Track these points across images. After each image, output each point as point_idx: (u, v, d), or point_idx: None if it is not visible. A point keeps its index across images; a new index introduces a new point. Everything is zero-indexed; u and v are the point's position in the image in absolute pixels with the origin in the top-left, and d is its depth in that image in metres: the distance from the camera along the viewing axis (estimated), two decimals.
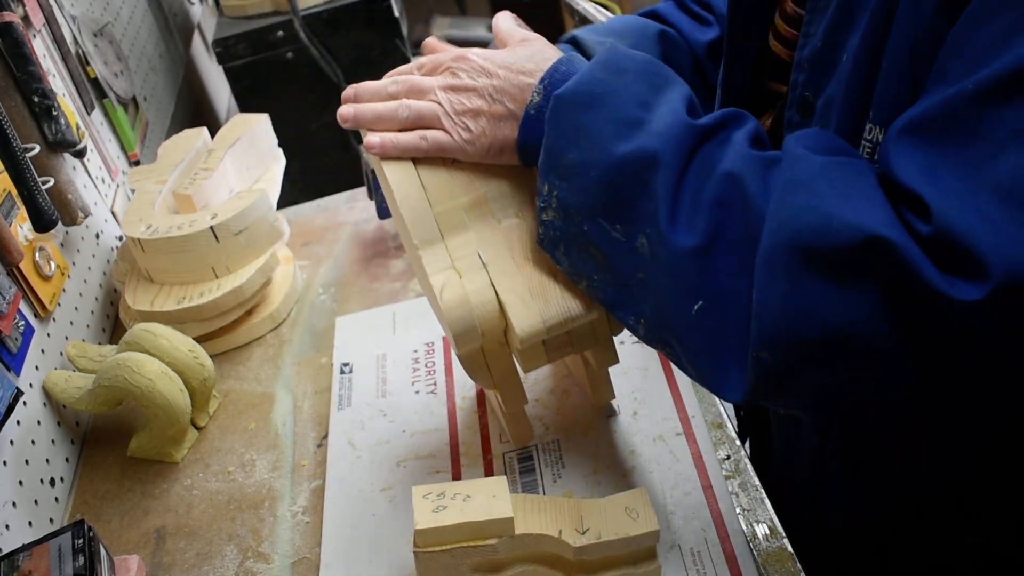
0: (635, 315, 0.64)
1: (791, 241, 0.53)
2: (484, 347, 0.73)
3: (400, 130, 0.72)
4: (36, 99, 0.99)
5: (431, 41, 0.82)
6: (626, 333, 0.93)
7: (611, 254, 0.63)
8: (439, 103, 0.71)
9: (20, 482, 0.86)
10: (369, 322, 1.05)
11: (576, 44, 0.91)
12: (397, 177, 0.72)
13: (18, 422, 0.89)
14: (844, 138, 0.62)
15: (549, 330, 0.69)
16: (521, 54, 0.70)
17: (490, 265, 0.71)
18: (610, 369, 0.90)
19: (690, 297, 0.58)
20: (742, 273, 0.56)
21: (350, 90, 0.75)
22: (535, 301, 0.69)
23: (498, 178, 0.73)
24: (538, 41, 0.73)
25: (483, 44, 0.80)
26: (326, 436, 0.92)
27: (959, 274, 0.49)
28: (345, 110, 0.74)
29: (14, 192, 0.94)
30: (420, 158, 0.72)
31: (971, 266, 0.48)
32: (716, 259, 0.57)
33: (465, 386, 0.93)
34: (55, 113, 1.00)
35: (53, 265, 1.01)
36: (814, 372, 0.55)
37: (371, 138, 0.72)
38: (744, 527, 0.74)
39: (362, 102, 0.74)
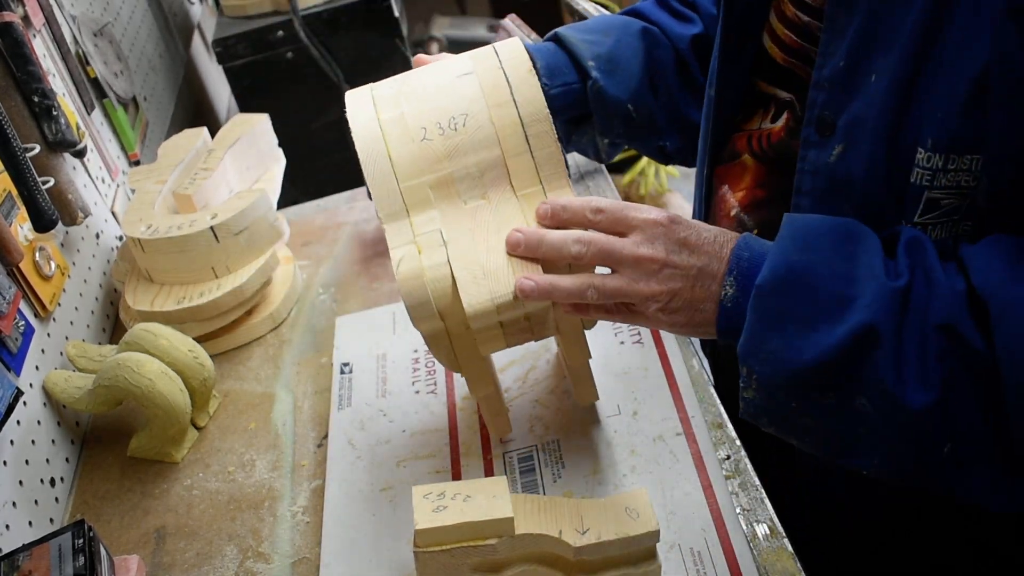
0: (859, 463, 0.63)
1: None
2: (450, 329, 0.73)
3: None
4: (36, 99, 0.99)
5: (422, 57, 0.82)
6: (625, 332, 0.93)
7: (826, 420, 0.62)
8: (631, 281, 0.66)
9: (20, 482, 0.86)
10: (369, 322, 1.05)
11: (558, 41, 0.91)
12: (366, 152, 0.72)
13: (18, 422, 0.89)
14: (881, 159, 0.62)
15: (499, 309, 0.68)
16: (714, 230, 0.66)
17: (450, 244, 0.71)
18: (610, 369, 0.90)
19: (937, 445, 0.59)
20: (980, 411, 0.57)
21: (519, 236, 0.68)
22: (487, 280, 0.68)
23: (467, 160, 0.72)
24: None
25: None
26: (326, 436, 0.92)
27: None
28: (527, 285, 0.66)
29: (14, 192, 0.94)
30: (390, 135, 0.72)
31: None
32: (955, 406, 0.58)
33: (465, 386, 0.93)
34: (55, 113, 1.00)
35: (53, 265, 1.01)
36: None
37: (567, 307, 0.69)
38: (744, 527, 0.74)
39: (537, 253, 0.68)
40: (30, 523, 0.86)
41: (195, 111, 1.92)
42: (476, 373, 0.77)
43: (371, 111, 0.75)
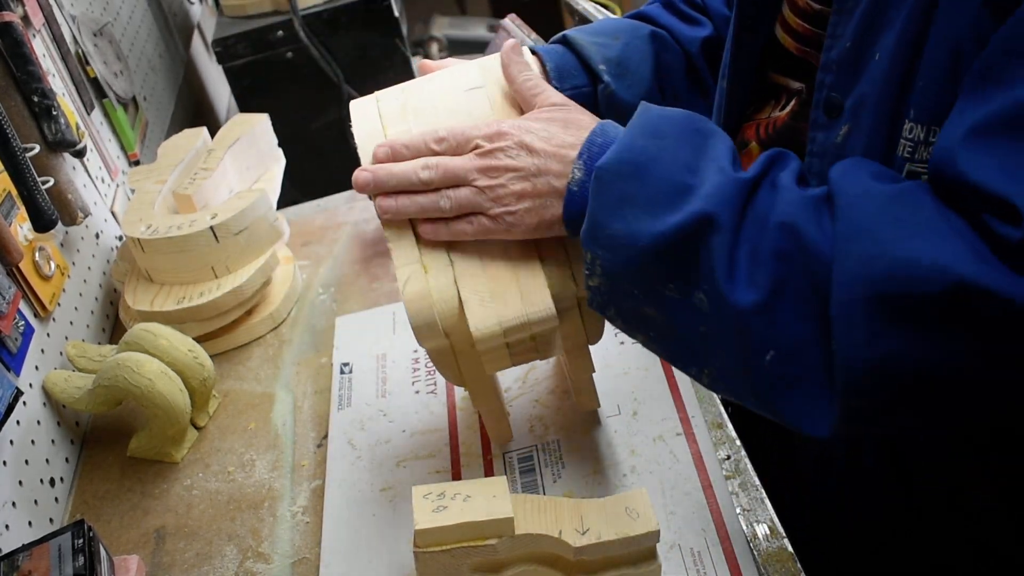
0: (697, 367, 0.63)
1: (867, 293, 0.53)
2: (455, 347, 0.73)
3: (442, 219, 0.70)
4: (36, 99, 0.99)
5: (427, 63, 0.82)
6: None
7: (667, 313, 0.62)
8: (479, 188, 0.68)
9: (20, 482, 0.86)
10: (369, 322, 1.05)
11: (567, 43, 0.91)
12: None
13: (18, 422, 0.89)
14: (880, 136, 0.62)
15: (506, 332, 0.69)
16: (556, 125, 0.68)
17: (457, 264, 0.71)
18: (610, 369, 0.90)
19: (760, 350, 0.57)
20: (810, 318, 0.56)
21: (367, 174, 0.71)
22: (494, 303, 0.69)
23: None
24: (567, 106, 0.70)
25: (483, 44, 0.79)
26: (326, 436, 0.92)
27: None
28: (381, 203, 0.71)
29: (14, 192, 0.94)
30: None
31: None
32: (782, 311, 0.56)
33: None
34: (55, 113, 1.00)
35: (53, 265, 1.01)
36: (905, 411, 0.56)
37: (424, 227, 0.71)
38: (744, 527, 0.74)
39: (387, 187, 0.70)
40: (30, 523, 0.86)
41: (195, 111, 1.92)
42: (480, 389, 0.78)
43: (377, 126, 0.75)
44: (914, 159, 0.61)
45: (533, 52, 0.85)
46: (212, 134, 1.22)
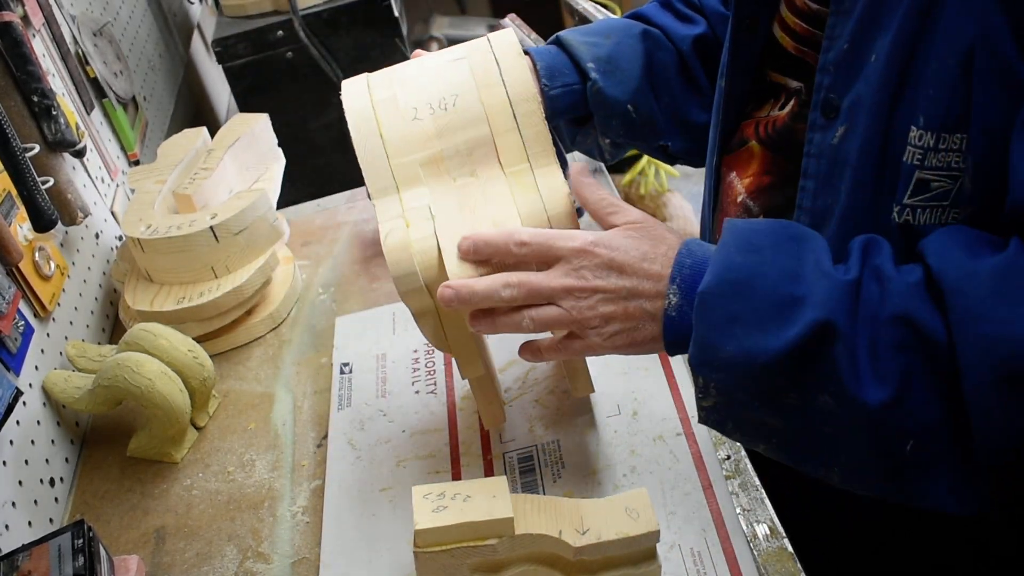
0: (827, 466, 0.62)
1: (995, 376, 0.53)
2: (439, 306, 0.72)
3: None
4: (36, 99, 0.99)
5: (420, 52, 0.82)
6: None
7: (790, 420, 0.61)
8: (565, 310, 0.66)
9: (20, 482, 0.86)
10: (369, 322, 1.05)
11: (559, 43, 0.91)
12: (358, 129, 0.73)
13: (18, 422, 0.89)
14: (876, 138, 0.62)
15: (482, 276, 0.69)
16: (642, 244, 0.65)
17: (438, 217, 0.71)
18: (610, 369, 0.90)
19: (900, 441, 0.57)
20: (940, 402, 0.56)
21: (450, 291, 0.67)
22: None
23: (456, 138, 0.73)
24: (646, 223, 0.68)
25: None
26: (326, 436, 0.92)
27: None
28: (447, 294, 0.68)
29: (14, 192, 0.94)
30: (381, 114, 0.73)
31: None
32: (913, 401, 0.56)
33: (465, 386, 0.93)
34: (55, 113, 1.00)
35: (53, 265, 1.01)
36: None
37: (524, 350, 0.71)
38: (744, 527, 0.74)
39: (471, 306, 0.68)
40: (30, 523, 0.86)
41: (195, 111, 1.91)
42: (466, 353, 0.76)
43: (365, 92, 0.76)
44: (924, 166, 0.61)
45: (526, 52, 0.85)
46: (212, 134, 1.22)
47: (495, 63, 0.74)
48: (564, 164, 0.88)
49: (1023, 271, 0.54)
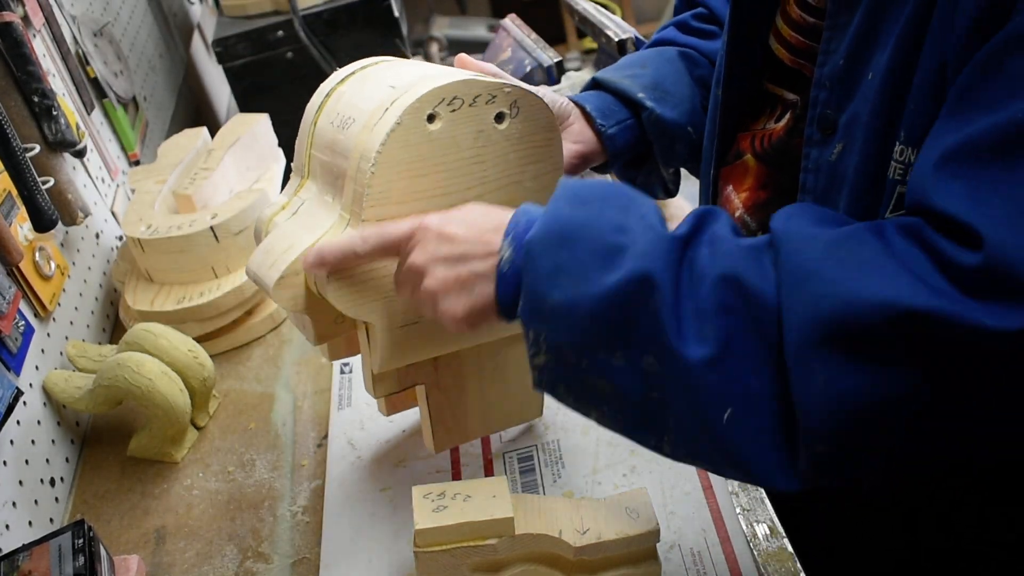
0: (656, 436, 0.61)
1: (818, 334, 0.52)
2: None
3: None
4: (36, 99, 0.99)
5: (464, 57, 0.81)
6: None
7: (617, 382, 0.60)
8: (410, 293, 0.68)
9: (20, 482, 0.86)
10: None
11: (600, 85, 0.90)
12: (307, 110, 0.77)
13: (18, 422, 0.89)
14: (872, 156, 0.62)
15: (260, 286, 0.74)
16: (473, 213, 0.67)
17: (297, 217, 0.76)
18: None
19: (717, 407, 0.56)
20: (764, 370, 0.55)
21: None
22: (267, 256, 0.73)
23: (336, 158, 0.73)
24: (480, 205, 0.69)
25: (483, 44, 0.79)
26: (326, 436, 0.92)
27: (1006, 301, 0.49)
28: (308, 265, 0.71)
29: (14, 192, 0.94)
30: (325, 106, 0.75)
31: (1014, 293, 0.48)
32: (733, 364, 0.55)
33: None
34: (55, 113, 1.00)
35: (53, 265, 1.01)
36: (872, 454, 0.55)
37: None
38: (744, 527, 0.74)
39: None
40: (30, 523, 0.86)
41: (195, 111, 1.92)
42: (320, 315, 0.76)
43: (336, 78, 0.77)
44: (905, 180, 0.60)
45: (572, 101, 0.85)
46: (212, 134, 1.22)
47: (389, 105, 0.71)
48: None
49: (862, 240, 0.54)
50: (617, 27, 1.46)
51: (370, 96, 0.73)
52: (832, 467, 0.55)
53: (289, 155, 1.26)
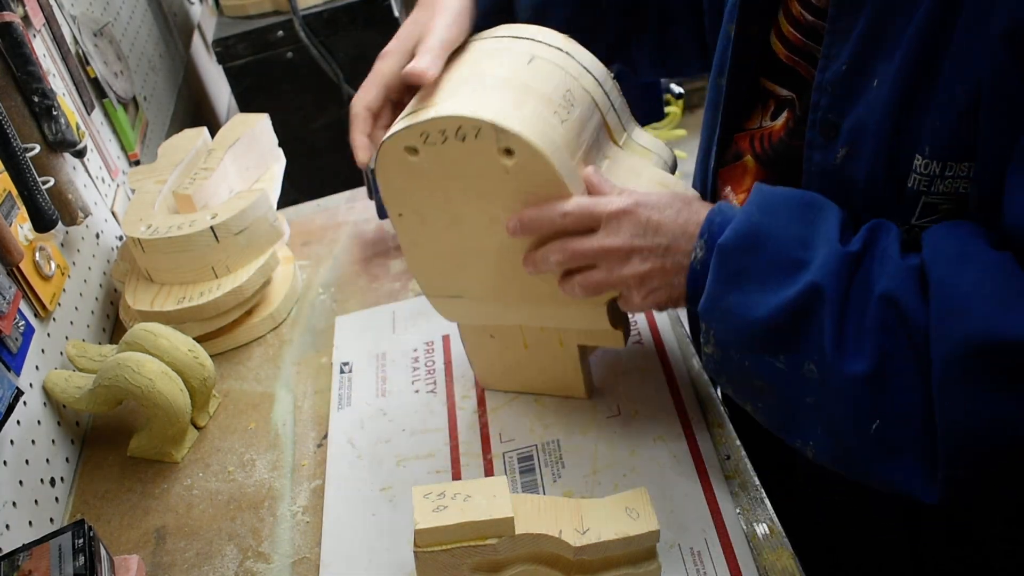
0: (803, 438, 0.64)
1: (964, 367, 0.55)
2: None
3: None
4: (36, 99, 0.99)
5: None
6: None
7: (776, 384, 0.63)
8: (606, 272, 0.69)
9: (20, 482, 0.86)
10: (369, 322, 1.05)
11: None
12: (545, 147, 0.70)
13: (18, 422, 0.89)
14: (882, 164, 0.63)
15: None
16: (676, 202, 0.69)
17: None
18: (610, 369, 0.90)
19: (867, 419, 0.59)
20: (916, 389, 0.57)
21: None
22: None
23: (588, 129, 0.74)
24: (678, 192, 0.71)
25: None
26: (326, 436, 0.92)
27: None
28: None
29: (14, 192, 0.94)
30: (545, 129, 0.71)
31: None
32: (888, 381, 0.58)
33: (465, 386, 0.93)
34: (55, 113, 1.00)
35: (53, 265, 1.01)
36: (1008, 476, 0.57)
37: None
38: (744, 527, 0.74)
39: (529, 270, 0.73)
40: (30, 523, 0.86)
41: (195, 111, 1.92)
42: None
43: (510, 111, 0.70)
44: (930, 192, 0.62)
45: None
46: (212, 134, 1.22)
47: (562, 53, 0.75)
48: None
49: (1009, 272, 0.55)
50: None
51: (540, 77, 0.73)
52: (970, 487, 0.58)
53: (289, 155, 1.26)
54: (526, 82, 0.71)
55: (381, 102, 0.79)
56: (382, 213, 1.16)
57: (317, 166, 1.90)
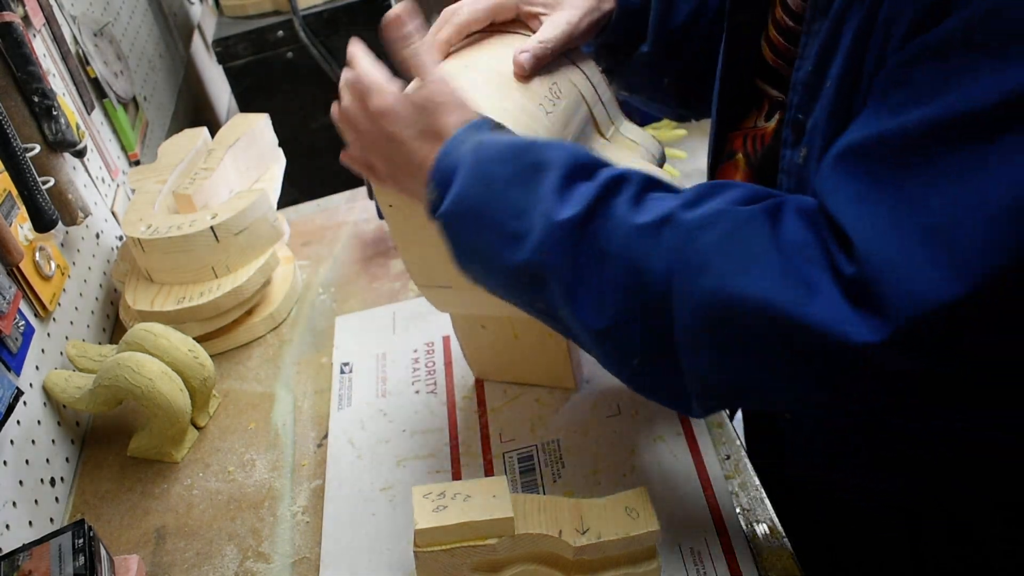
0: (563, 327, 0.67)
1: (704, 325, 0.57)
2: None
3: None
4: (36, 99, 0.99)
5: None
6: None
7: (542, 312, 0.66)
8: (357, 150, 0.73)
9: (20, 482, 0.86)
10: (369, 322, 1.05)
11: None
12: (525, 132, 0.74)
13: (18, 422, 0.89)
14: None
15: None
16: (420, 125, 0.69)
17: None
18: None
19: (624, 359, 0.62)
20: (655, 343, 0.60)
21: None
22: None
23: (574, 122, 0.75)
24: (437, 87, 0.69)
25: None
26: (326, 436, 0.92)
27: (872, 312, 0.51)
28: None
29: (14, 192, 0.94)
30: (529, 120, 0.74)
31: (878, 307, 0.51)
32: (632, 331, 0.60)
33: (465, 386, 0.93)
34: (55, 113, 1.00)
35: (53, 265, 1.01)
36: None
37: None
38: (744, 527, 0.74)
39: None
40: (30, 523, 0.86)
41: (195, 111, 1.92)
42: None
43: (496, 103, 0.72)
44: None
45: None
46: (212, 134, 1.22)
47: None
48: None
49: (757, 231, 0.56)
50: None
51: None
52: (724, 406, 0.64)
53: (289, 155, 1.26)
54: (513, 74, 0.73)
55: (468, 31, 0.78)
56: (382, 213, 1.16)
57: (317, 166, 1.89)
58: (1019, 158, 0.49)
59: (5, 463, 0.85)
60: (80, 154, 1.07)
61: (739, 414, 0.96)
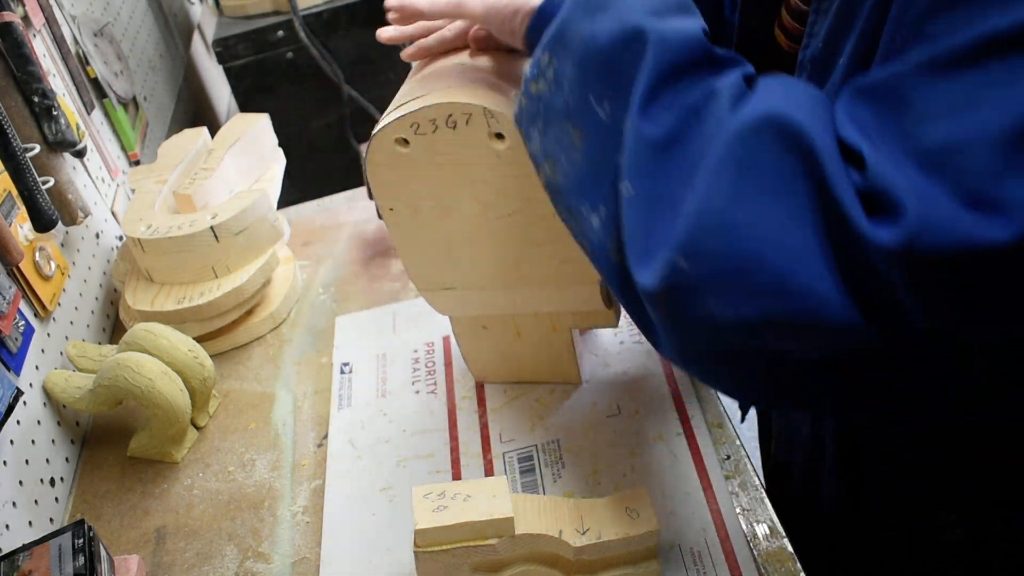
0: (592, 203, 0.62)
1: (745, 140, 0.54)
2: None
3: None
4: (36, 99, 0.99)
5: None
6: (625, 332, 0.93)
7: (589, 133, 0.62)
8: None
9: (20, 482, 0.86)
10: (369, 322, 1.05)
11: None
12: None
13: (18, 422, 0.89)
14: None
15: None
16: None
17: None
18: (610, 369, 0.90)
19: (648, 179, 0.58)
20: (686, 183, 0.57)
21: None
22: None
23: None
24: None
25: None
26: (326, 436, 0.92)
27: (883, 219, 0.51)
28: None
29: (14, 192, 0.94)
30: None
31: (891, 211, 0.50)
32: (670, 160, 0.58)
33: (465, 386, 0.93)
34: (55, 113, 1.00)
35: (53, 265, 1.01)
36: (724, 292, 0.55)
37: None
38: (744, 527, 0.74)
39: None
40: (30, 523, 0.86)
41: (195, 111, 1.92)
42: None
43: (498, 96, 0.73)
44: None
45: None
46: (212, 134, 1.22)
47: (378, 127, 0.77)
48: None
49: (820, 102, 0.56)
50: None
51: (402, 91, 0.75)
52: (682, 288, 0.57)
53: (289, 155, 1.26)
54: (509, 71, 0.73)
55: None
56: (382, 214, 1.16)
57: (317, 166, 1.90)
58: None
59: (5, 463, 0.85)
60: (80, 154, 1.07)
61: (748, 414, 0.97)
